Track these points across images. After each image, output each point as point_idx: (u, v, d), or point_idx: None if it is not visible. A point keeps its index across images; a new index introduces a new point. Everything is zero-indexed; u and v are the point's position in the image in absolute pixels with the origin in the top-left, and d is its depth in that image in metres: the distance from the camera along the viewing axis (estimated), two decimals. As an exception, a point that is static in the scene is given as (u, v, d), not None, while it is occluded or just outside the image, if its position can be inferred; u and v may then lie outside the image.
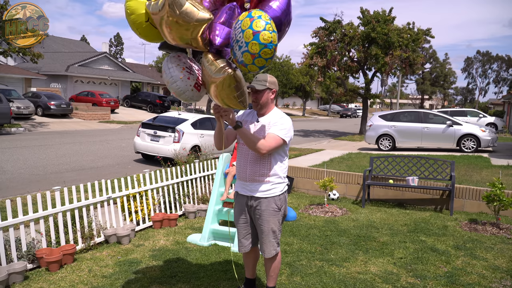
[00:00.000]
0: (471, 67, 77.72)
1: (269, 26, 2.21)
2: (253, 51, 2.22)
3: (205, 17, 2.29)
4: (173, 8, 2.25)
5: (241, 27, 2.24)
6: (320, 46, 20.34)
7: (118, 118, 25.52)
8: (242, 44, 2.25)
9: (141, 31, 2.64)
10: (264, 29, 2.18)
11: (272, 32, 2.21)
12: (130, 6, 2.58)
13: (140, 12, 2.57)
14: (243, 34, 2.22)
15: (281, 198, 3.01)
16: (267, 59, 2.27)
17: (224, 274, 3.80)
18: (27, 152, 11.60)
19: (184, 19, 2.27)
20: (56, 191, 4.23)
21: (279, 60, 43.26)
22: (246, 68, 2.37)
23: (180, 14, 2.25)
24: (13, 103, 19.45)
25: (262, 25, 2.19)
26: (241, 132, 2.78)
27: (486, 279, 3.78)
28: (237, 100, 2.50)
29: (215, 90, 2.50)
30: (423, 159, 6.84)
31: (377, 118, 14.62)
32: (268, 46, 2.21)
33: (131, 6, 2.58)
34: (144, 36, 2.69)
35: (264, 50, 2.22)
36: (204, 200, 6.15)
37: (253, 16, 2.22)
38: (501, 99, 39.27)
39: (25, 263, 3.72)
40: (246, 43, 2.22)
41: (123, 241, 4.61)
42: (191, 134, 10.09)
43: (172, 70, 2.63)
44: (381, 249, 4.54)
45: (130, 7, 2.58)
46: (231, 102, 2.54)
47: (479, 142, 13.13)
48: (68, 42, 41.56)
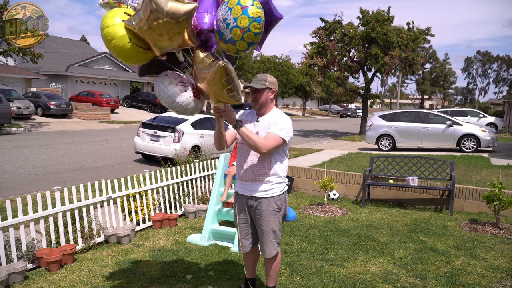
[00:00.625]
0: (471, 67, 77.72)
1: (256, 2, 2.29)
2: (242, 25, 2.27)
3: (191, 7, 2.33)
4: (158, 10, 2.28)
5: (228, 5, 2.29)
6: (320, 46, 20.35)
7: (118, 118, 25.52)
8: (230, 21, 2.28)
9: (124, 54, 2.56)
10: (252, 4, 2.26)
11: (259, 8, 2.29)
12: (109, 32, 2.51)
13: (120, 34, 2.50)
14: (231, 11, 2.27)
15: (281, 198, 3.01)
16: (256, 33, 2.31)
17: (224, 274, 3.80)
18: (27, 152, 11.60)
19: (172, 16, 2.30)
20: (56, 191, 4.23)
21: (279, 60, 43.27)
22: (235, 46, 2.37)
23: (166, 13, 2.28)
24: (13, 103, 19.45)
25: (250, 0, 2.26)
26: (241, 131, 2.78)
27: (486, 279, 3.78)
28: (228, 94, 2.50)
29: (207, 87, 2.51)
30: (423, 159, 6.84)
31: (377, 118, 14.62)
32: (257, 20, 2.27)
33: (110, 32, 2.50)
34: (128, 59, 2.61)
35: (253, 24, 2.27)
36: (204, 200, 6.15)
37: None
38: (501, 99, 39.27)
39: (25, 263, 3.72)
40: (235, 19, 2.27)
41: (123, 241, 4.61)
42: (191, 134, 10.09)
43: (166, 89, 2.59)
44: (381, 249, 4.54)
45: (109, 33, 2.50)
46: (223, 97, 2.54)
47: (479, 142, 13.12)
48: (68, 42, 41.56)
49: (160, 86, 2.60)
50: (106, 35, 2.51)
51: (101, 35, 2.57)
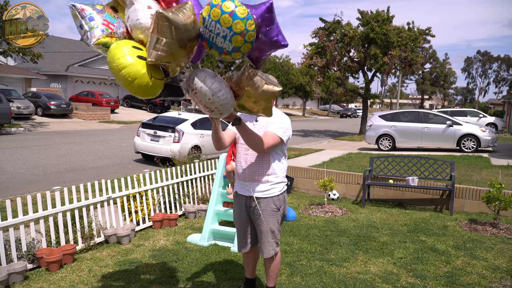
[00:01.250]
0: (471, 67, 77.66)
1: (237, 2, 2.21)
2: (239, 30, 2.20)
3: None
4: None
5: (212, 19, 2.20)
6: (320, 46, 20.35)
7: (118, 118, 25.51)
8: (225, 32, 2.21)
9: (148, 91, 2.37)
10: (236, 6, 2.18)
11: (241, 5, 2.22)
12: (129, 73, 2.26)
13: (142, 73, 2.28)
14: (220, 23, 2.19)
15: (280, 198, 3.01)
16: (253, 30, 2.26)
17: (224, 274, 3.80)
18: (27, 152, 11.60)
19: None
20: (56, 191, 4.23)
21: (279, 60, 43.29)
22: (240, 51, 2.32)
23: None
24: (13, 103, 19.45)
25: (231, 4, 2.18)
26: (241, 129, 2.73)
27: (486, 279, 3.78)
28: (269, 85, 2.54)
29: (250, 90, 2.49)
30: (423, 159, 6.84)
31: (377, 118, 14.63)
32: (249, 17, 2.22)
33: (131, 72, 2.26)
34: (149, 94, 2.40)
35: (248, 23, 2.21)
36: (204, 200, 6.15)
37: (217, 3, 2.19)
38: (501, 99, 39.26)
39: (25, 263, 3.72)
40: (229, 28, 2.19)
41: (123, 241, 4.61)
42: (191, 134, 10.09)
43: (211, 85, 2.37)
44: (381, 249, 4.54)
45: (129, 74, 2.26)
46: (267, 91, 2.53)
47: (479, 142, 13.13)
48: (68, 42, 41.50)
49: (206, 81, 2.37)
50: (126, 76, 2.27)
51: (116, 73, 2.30)
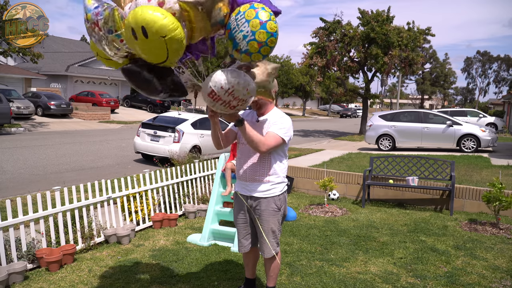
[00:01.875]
0: (471, 67, 77.65)
1: (273, 17, 2.34)
2: (260, 39, 2.30)
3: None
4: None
5: (245, 17, 2.30)
6: (320, 46, 20.35)
7: (118, 118, 25.51)
8: (248, 34, 2.30)
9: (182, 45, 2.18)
10: (269, 19, 2.30)
11: (275, 22, 2.34)
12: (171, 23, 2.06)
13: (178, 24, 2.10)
14: (249, 24, 2.29)
15: (280, 198, 3.01)
16: (272, 47, 2.37)
17: (224, 274, 3.80)
18: (27, 152, 11.60)
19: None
20: (56, 191, 4.22)
21: (279, 60, 43.27)
22: (250, 57, 2.41)
23: None
24: (13, 103, 19.44)
25: (268, 15, 2.30)
26: (243, 129, 2.72)
27: (486, 279, 3.78)
28: None
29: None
30: (423, 159, 6.84)
31: (377, 118, 14.63)
32: (274, 35, 2.33)
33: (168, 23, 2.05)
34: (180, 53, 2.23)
35: (270, 39, 2.32)
36: (204, 200, 6.15)
37: (257, 8, 2.30)
38: (501, 99, 39.27)
39: (25, 263, 3.71)
40: (253, 32, 2.29)
41: (123, 241, 4.61)
42: (191, 134, 10.09)
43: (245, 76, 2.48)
44: (381, 249, 4.54)
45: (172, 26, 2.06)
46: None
47: (479, 142, 13.13)
48: (68, 42, 41.54)
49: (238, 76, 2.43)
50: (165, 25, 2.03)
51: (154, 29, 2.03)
